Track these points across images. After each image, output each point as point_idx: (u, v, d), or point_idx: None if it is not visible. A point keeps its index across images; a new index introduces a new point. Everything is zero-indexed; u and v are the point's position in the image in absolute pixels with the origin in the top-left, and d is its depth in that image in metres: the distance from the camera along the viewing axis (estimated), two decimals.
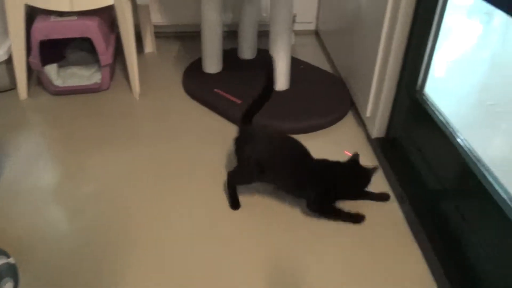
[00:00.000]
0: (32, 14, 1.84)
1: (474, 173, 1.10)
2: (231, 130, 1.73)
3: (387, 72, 1.49)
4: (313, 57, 2.28)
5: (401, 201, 1.39)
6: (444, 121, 1.28)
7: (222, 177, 1.50)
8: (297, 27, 2.46)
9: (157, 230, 1.31)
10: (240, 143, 1.36)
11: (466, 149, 1.17)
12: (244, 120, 1.36)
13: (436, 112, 1.31)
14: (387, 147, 1.59)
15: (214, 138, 1.71)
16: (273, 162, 1.30)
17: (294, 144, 1.34)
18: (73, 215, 1.36)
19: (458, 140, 1.20)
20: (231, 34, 2.29)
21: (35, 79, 2.02)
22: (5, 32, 1.84)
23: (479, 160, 1.12)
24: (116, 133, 1.72)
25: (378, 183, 1.50)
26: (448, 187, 1.24)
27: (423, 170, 1.38)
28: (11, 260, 1.12)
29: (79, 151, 1.63)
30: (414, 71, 1.40)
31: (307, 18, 2.49)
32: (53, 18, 1.79)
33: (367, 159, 1.60)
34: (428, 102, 1.36)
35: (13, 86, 1.92)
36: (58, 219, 1.35)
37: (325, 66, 2.19)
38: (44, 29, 1.76)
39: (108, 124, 1.77)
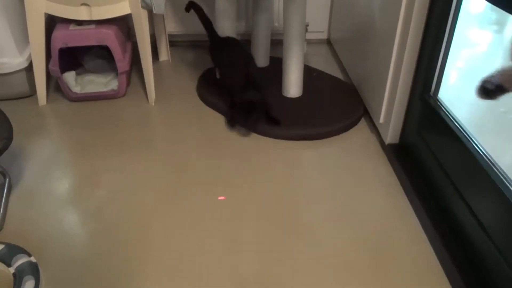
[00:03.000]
0: (51, 22, 1.89)
1: (490, 177, 1.11)
2: (245, 137, 1.77)
3: (400, 78, 1.51)
4: (326, 65, 2.31)
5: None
6: (458, 126, 1.29)
7: (236, 185, 1.52)
8: (309, 36, 2.49)
9: (170, 236, 1.32)
10: None
11: (481, 153, 1.17)
12: None
13: (451, 117, 1.33)
14: (401, 153, 1.60)
15: (228, 143, 1.73)
16: None
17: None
18: (88, 218, 1.39)
19: (474, 144, 1.21)
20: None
21: (54, 86, 2.06)
22: (26, 40, 1.90)
23: (494, 164, 1.13)
24: (132, 139, 1.75)
25: (392, 189, 1.50)
26: (463, 191, 1.25)
27: (437, 174, 1.39)
28: (32, 258, 1.15)
29: (96, 156, 1.66)
30: (428, 76, 1.42)
31: (319, 27, 2.53)
32: (72, 27, 1.84)
33: (381, 165, 1.61)
34: (442, 107, 1.37)
35: (32, 93, 1.97)
36: (74, 222, 1.38)
37: (338, 74, 2.21)
38: (64, 37, 1.81)
39: (124, 130, 1.81)
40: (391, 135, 1.63)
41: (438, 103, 1.40)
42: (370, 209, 1.43)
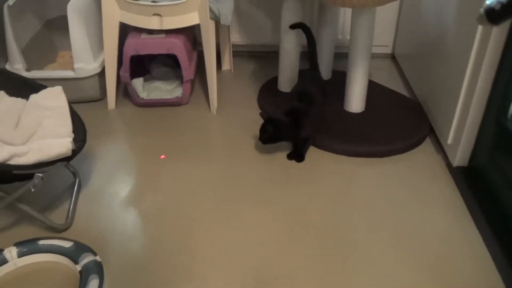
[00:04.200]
0: (120, 31, 1.97)
1: None
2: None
3: (473, 98, 1.43)
4: (389, 80, 2.25)
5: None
6: None
7: (290, 197, 1.51)
8: (373, 50, 2.41)
9: (221, 244, 1.34)
10: None
11: None
12: None
13: None
14: (470, 176, 1.51)
15: (286, 156, 1.72)
16: None
17: None
18: (146, 222, 1.43)
19: None
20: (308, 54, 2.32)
21: (122, 91, 2.16)
22: (100, 47, 2.00)
23: None
24: (192, 146, 1.79)
25: (458, 213, 1.43)
26: None
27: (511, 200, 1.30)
28: (97, 258, 1.19)
29: (157, 161, 1.71)
30: (506, 97, 1.34)
31: (383, 41, 2.46)
32: (143, 35, 1.92)
33: (447, 188, 1.54)
34: None
35: (102, 97, 2.07)
36: (134, 225, 1.42)
37: (402, 90, 2.14)
38: (136, 45, 1.89)
39: (186, 137, 1.85)
40: (459, 157, 1.55)
41: None
42: (434, 233, 1.36)
